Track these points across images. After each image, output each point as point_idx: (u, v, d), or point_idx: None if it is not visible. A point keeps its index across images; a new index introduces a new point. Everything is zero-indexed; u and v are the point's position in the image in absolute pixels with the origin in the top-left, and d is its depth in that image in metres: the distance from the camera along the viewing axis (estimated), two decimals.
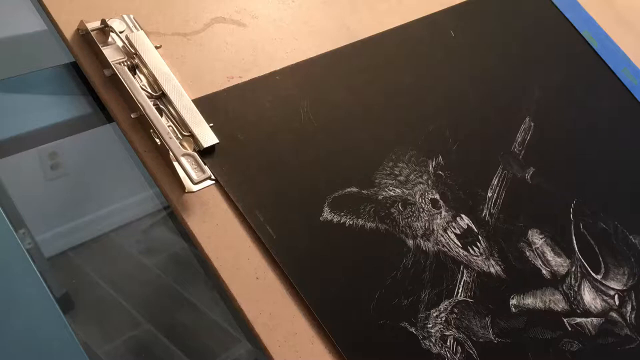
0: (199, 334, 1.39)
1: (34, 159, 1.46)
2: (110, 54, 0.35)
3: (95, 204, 1.63)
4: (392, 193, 0.39)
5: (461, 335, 0.35)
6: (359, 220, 0.37)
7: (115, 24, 0.36)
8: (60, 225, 1.58)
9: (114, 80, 0.35)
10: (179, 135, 0.35)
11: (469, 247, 0.39)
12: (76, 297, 1.43)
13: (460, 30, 0.49)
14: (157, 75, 0.35)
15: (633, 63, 0.55)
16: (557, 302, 0.39)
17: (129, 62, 0.35)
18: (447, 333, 0.35)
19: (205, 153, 0.35)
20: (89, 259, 1.58)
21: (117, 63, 0.35)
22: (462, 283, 0.37)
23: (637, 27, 0.59)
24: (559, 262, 0.41)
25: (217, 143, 0.35)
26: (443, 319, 0.35)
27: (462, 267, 0.38)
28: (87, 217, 1.63)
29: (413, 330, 0.34)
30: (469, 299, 0.37)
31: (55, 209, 1.56)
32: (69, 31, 0.36)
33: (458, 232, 0.39)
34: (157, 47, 0.37)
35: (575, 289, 0.41)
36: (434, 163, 0.41)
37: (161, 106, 0.35)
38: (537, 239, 0.42)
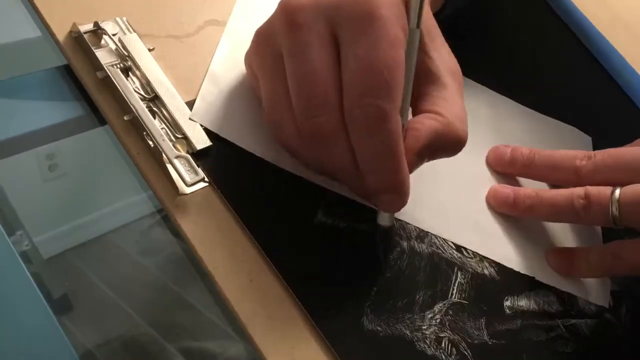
0: (198, 334, 1.39)
1: (31, 161, 1.47)
2: (103, 57, 0.35)
3: (93, 205, 1.63)
4: None
5: (456, 337, 0.35)
6: (353, 222, 0.37)
7: (108, 26, 0.36)
8: (59, 226, 1.57)
9: (107, 83, 0.35)
10: (172, 138, 0.35)
11: (462, 249, 0.39)
12: (74, 298, 1.43)
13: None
14: (150, 78, 0.35)
15: (629, 64, 0.55)
16: (551, 303, 0.39)
17: (121, 65, 0.35)
18: (442, 335, 0.35)
19: (199, 155, 0.35)
20: (88, 260, 1.58)
21: (109, 65, 0.35)
22: (456, 285, 0.37)
23: (633, 27, 0.59)
24: None
25: (211, 145, 0.35)
26: (437, 320, 0.35)
27: (456, 268, 0.38)
28: (86, 218, 1.63)
29: (407, 332, 0.34)
30: (463, 301, 0.37)
31: (53, 210, 1.56)
32: (61, 34, 0.36)
33: None
34: (150, 50, 0.37)
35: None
36: None
37: (154, 108, 0.35)
38: None
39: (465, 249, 0.39)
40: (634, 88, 0.53)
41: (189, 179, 0.33)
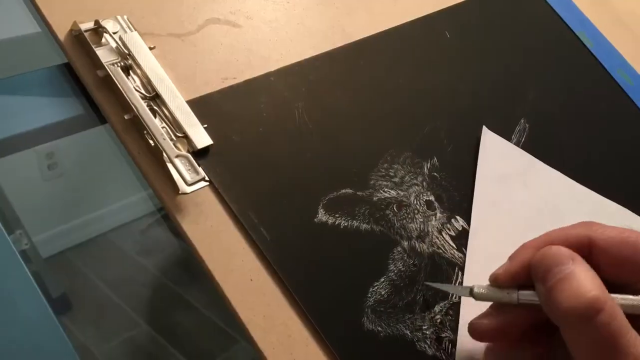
0: (197, 334, 1.39)
1: (31, 160, 1.47)
2: (104, 55, 0.35)
3: (92, 204, 1.63)
4: (387, 194, 0.39)
5: (456, 337, 0.35)
6: (354, 221, 0.37)
7: (109, 24, 0.36)
8: (58, 225, 1.58)
9: (108, 82, 0.35)
10: (173, 137, 0.35)
11: (463, 249, 0.39)
12: (74, 298, 1.43)
13: (455, 31, 0.49)
14: (150, 76, 0.35)
15: (629, 64, 0.55)
16: None
17: (122, 63, 0.35)
18: (442, 335, 0.35)
19: (199, 154, 0.35)
20: (87, 260, 1.58)
21: (110, 64, 0.35)
22: (457, 285, 0.37)
23: (632, 27, 0.59)
24: None
25: (211, 144, 0.35)
26: (438, 320, 0.35)
27: (457, 268, 0.38)
28: (85, 218, 1.63)
29: (408, 332, 0.34)
30: None
31: (52, 210, 1.56)
32: (62, 32, 0.35)
33: (453, 233, 0.39)
34: (151, 48, 0.37)
35: None
36: (429, 165, 0.41)
37: (155, 107, 0.35)
38: None
39: (466, 248, 0.39)
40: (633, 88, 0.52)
41: (189, 178, 0.33)
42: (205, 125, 0.35)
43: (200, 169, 0.34)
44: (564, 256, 0.29)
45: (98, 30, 0.36)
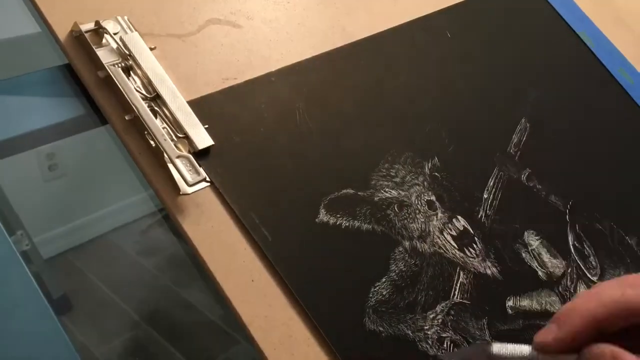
0: (197, 334, 1.39)
1: (31, 161, 1.46)
2: (104, 56, 0.35)
3: (93, 205, 1.63)
4: (388, 194, 0.39)
5: (458, 337, 0.35)
6: (355, 221, 0.37)
7: (109, 25, 0.36)
8: (58, 226, 1.57)
9: (108, 82, 0.35)
10: (174, 137, 0.35)
11: (465, 249, 0.39)
12: (74, 299, 1.43)
13: (456, 31, 0.49)
14: (151, 77, 0.35)
15: (629, 63, 0.55)
16: (553, 303, 0.39)
17: (123, 64, 0.35)
18: (444, 335, 0.35)
19: (200, 155, 0.35)
20: (87, 260, 1.58)
21: (111, 65, 0.35)
22: (458, 285, 0.37)
23: (633, 27, 0.59)
24: (555, 264, 0.41)
25: (212, 145, 0.35)
26: (440, 320, 0.35)
27: (458, 268, 0.38)
28: (85, 218, 1.63)
29: (409, 332, 0.34)
30: (465, 301, 0.37)
31: (53, 210, 1.56)
32: (62, 33, 0.35)
33: (454, 233, 0.39)
34: (151, 49, 0.37)
35: (572, 290, 0.41)
36: (429, 164, 0.41)
37: (156, 108, 0.35)
38: (533, 240, 0.42)
39: (468, 248, 0.39)
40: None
41: (190, 178, 0.33)
42: (206, 126, 0.35)
43: (201, 170, 0.34)
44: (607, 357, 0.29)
45: (98, 31, 0.36)
